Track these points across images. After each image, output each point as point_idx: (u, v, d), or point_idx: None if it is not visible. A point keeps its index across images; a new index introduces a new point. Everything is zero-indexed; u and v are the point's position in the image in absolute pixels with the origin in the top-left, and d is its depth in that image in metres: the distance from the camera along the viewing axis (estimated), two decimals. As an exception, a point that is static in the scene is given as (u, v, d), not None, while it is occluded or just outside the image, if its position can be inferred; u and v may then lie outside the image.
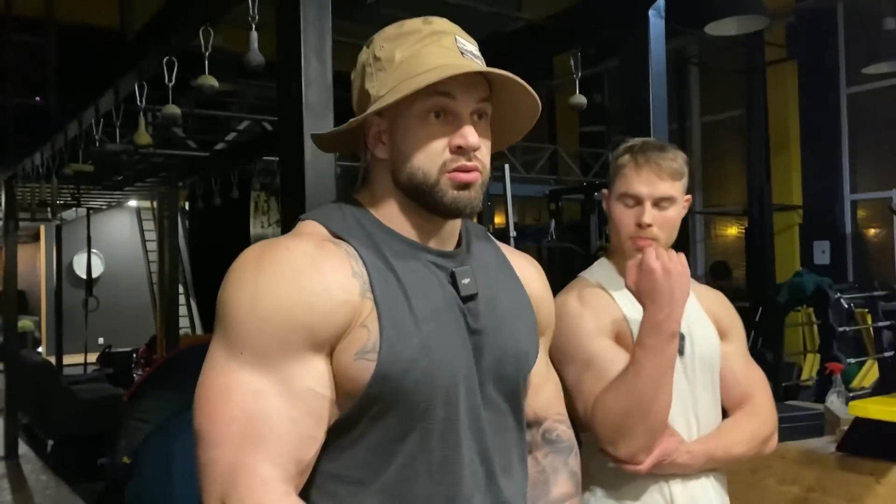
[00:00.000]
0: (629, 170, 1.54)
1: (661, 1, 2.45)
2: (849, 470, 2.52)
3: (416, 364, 0.95)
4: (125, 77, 3.30)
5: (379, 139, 1.05)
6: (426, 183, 1.01)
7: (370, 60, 1.04)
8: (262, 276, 0.94)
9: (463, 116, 1.01)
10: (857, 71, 6.47)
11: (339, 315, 0.94)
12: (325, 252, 0.97)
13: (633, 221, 1.53)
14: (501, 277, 1.14)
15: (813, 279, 5.00)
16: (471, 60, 1.02)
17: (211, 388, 0.93)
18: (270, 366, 0.91)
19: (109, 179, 6.48)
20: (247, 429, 0.90)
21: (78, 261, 11.39)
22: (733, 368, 1.64)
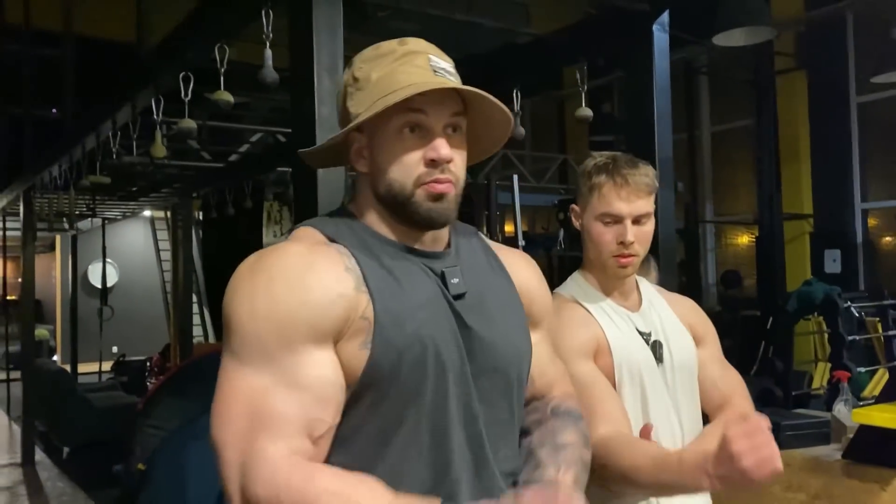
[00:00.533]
0: (608, 189, 1.56)
1: (665, 15, 2.50)
2: (854, 477, 2.54)
3: (410, 350, 1.00)
4: (142, 91, 3.38)
5: (360, 154, 1.11)
6: (402, 195, 1.06)
7: (350, 81, 1.11)
8: (259, 282, 0.99)
9: (436, 131, 1.06)
10: (866, 80, 6.48)
11: (336, 308, 0.99)
12: (317, 252, 1.03)
13: (616, 240, 1.56)
14: (490, 276, 1.18)
15: (822, 288, 5.01)
16: (443, 78, 1.06)
17: (221, 397, 0.98)
18: (275, 363, 0.96)
19: (125, 190, 6.58)
20: (253, 423, 0.94)
21: (93, 270, 11.52)
22: (711, 374, 1.68)
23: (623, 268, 1.58)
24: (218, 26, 2.51)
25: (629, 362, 1.59)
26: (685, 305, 1.74)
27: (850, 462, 2.59)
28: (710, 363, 1.70)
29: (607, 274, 1.62)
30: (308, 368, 0.97)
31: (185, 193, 7.21)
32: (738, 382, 1.71)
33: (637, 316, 1.66)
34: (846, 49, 7.07)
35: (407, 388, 1.00)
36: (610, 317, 1.62)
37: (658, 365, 1.60)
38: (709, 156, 8.46)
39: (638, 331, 1.64)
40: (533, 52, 3.36)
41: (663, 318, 1.66)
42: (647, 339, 1.63)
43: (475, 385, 1.07)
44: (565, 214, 6.95)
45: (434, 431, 1.02)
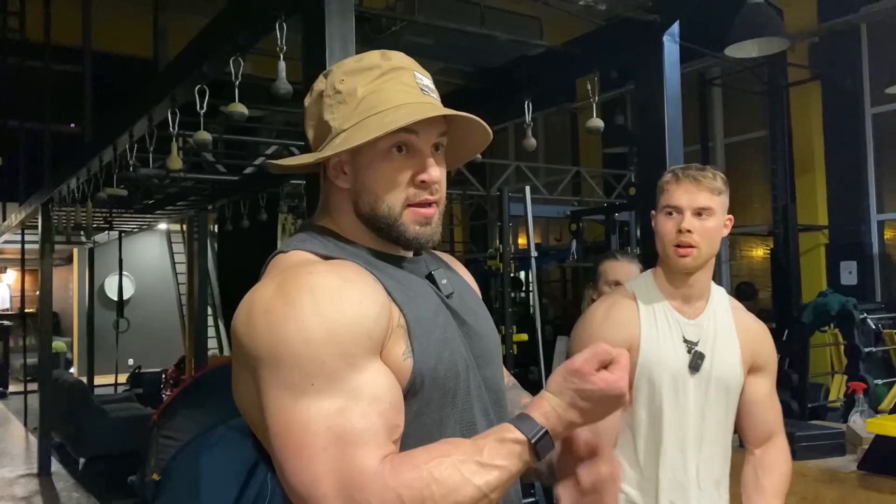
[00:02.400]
0: (671, 185, 1.69)
1: (676, 26, 2.51)
2: (870, 488, 2.52)
3: (442, 355, 1.02)
4: (159, 104, 3.43)
5: (340, 170, 1.07)
6: (390, 216, 1.04)
7: (329, 91, 1.06)
8: (301, 306, 0.92)
9: (425, 151, 1.05)
10: (881, 91, 6.45)
11: (383, 317, 0.97)
12: (342, 266, 1.00)
13: (675, 229, 1.66)
14: (455, 276, 1.21)
15: (837, 299, 4.96)
16: (429, 96, 1.07)
17: (291, 432, 0.90)
18: (344, 383, 0.91)
19: (141, 203, 6.65)
20: (340, 447, 0.89)
21: (109, 283, 11.62)
22: (765, 407, 1.79)
23: (682, 258, 1.66)
24: (232, 40, 2.55)
25: (656, 366, 1.68)
26: (754, 331, 1.80)
27: (865, 473, 2.57)
28: (767, 397, 1.80)
29: (670, 268, 1.71)
30: (376, 381, 0.94)
31: (200, 206, 7.28)
32: (777, 416, 1.83)
33: (691, 323, 1.74)
34: (860, 60, 7.05)
35: (446, 392, 1.02)
36: (655, 318, 1.72)
37: (692, 374, 1.69)
38: (723, 167, 8.43)
39: (685, 338, 1.71)
40: (545, 63, 3.38)
41: (718, 332, 1.73)
42: (690, 348, 1.70)
43: (484, 377, 1.11)
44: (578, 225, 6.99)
45: (464, 428, 1.04)
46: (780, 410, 1.84)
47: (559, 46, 3.17)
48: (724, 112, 8.46)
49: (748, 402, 1.79)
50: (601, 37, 2.93)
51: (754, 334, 1.79)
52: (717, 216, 1.68)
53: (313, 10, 1.90)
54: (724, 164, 8.43)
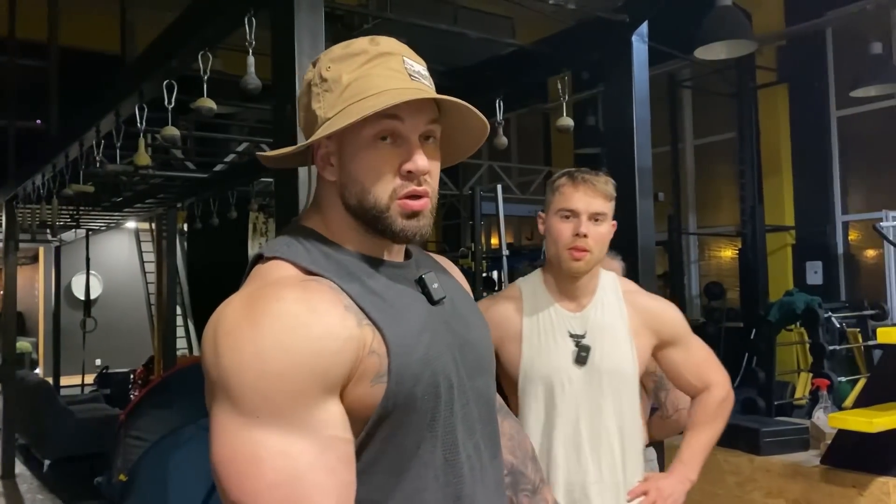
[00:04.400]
0: (567, 188, 1.71)
1: (644, 27, 2.54)
2: (832, 482, 2.57)
3: (422, 376, 0.96)
4: (126, 99, 3.38)
5: (328, 161, 1.03)
6: (376, 208, 1.00)
7: (317, 80, 1.02)
8: (262, 333, 0.88)
9: (412, 140, 1.00)
10: (846, 94, 6.58)
11: (346, 352, 0.91)
12: (313, 293, 0.94)
13: (571, 233, 1.69)
14: (449, 281, 1.17)
15: (803, 298, 5.05)
16: (419, 82, 1.01)
17: (236, 461, 0.86)
18: (291, 422, 0.87)
19: (109, 200, 6.55)
20: (289, 493, 0.85)
21: (76, 282, 11.43)
22: (683, 373, 1.84)
23: (576, 261, 1.69)
24: (201, 34, 2.53)
25: (539, 364, 1.72)
26: (652, 310, 1.83)
27: (828, 467, 2.62)
28: (679, 363, 1.84)
29: (562, 269, 1.73)
30: (327, 425, 0.89)
31: (169, 204, 7.19)
32: (706, 369, 1.85)
33: (576, 317, 1.76)
34: (826, 63, 7.18)
35: (423, 414, 0.97)
36: (538, 316, 1.76)
37: (579, 367, 1.71)
38: (692, 168, 8.54)
39: (570, 332, 1.74)
40: (516, 62, 3.39)
41: (606, 322, 1.76)
42: (576, 341, 1.73)
43: (472, 389, 1.07)
44: (550, 226, 7.03)
45: (445, 450, 1.00)
46: (708, 366, 1.85)
47: (530, 45, 3.19)
48: (693, 114, 8.57)
49: (668, 374, 1.87)
50: (571, 36, 2.95)
51: (652, 314, 1.81)
52: (608, 221, 1.73)
53: (282, 5, 1.89)
54: (693, 166, 8.53)
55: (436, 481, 0.99)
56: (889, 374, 2.62)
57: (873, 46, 6.04)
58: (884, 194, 6.91)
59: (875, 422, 2.32)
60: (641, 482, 1.73)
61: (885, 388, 2.55)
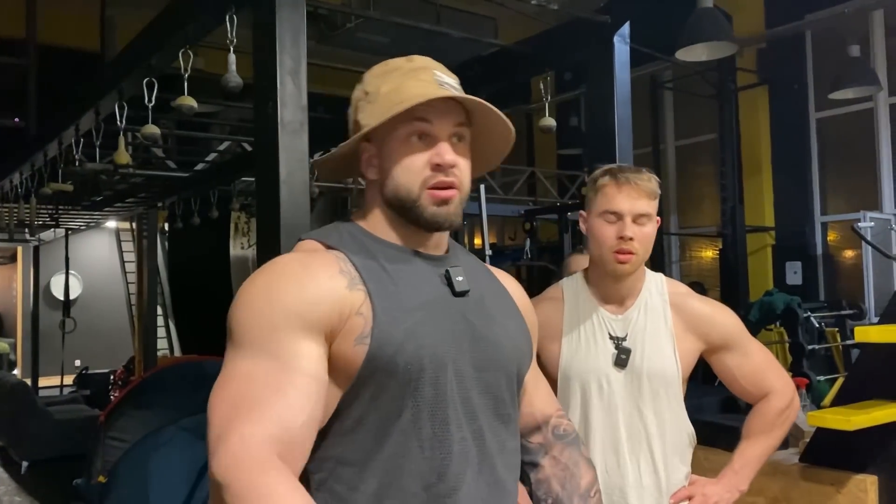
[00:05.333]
0: (611, 188, 1.67)
1: (626, 27, 2.55)
2: (811, 480, 2.60)
3: (404, 346, 1.05)
4: (106, 97, 3.35)
5: (370, 163, 1.18)
6: (409, 198, 1.13)
7: (361, 95, 1.19)
8: (259, 285, 1.07)
9: (440, 138, 1.13)
10: (824, 96, 6.65)
11: (325, 302, 1.04)
12: (313, 257, 1.11)
13: (616, 235, 1.66)
14: (487, 282, 1.26)
15: (783, 298, 5.09)
16: (448, 90, 1.13)
17: (218, 381, 1.04)
18: (264, 350, 1.01)
19: (89, 200, 6.48)
20: (235, 403, 0.98)
21: (55, 282, 11.31)
22: (743, 380, 1.77)
23: (622, 264, 1.66)
24: (182, 32, 2.51)
25: (578, 366, 1.67)
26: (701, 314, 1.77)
27: (807, 465, 2.64)
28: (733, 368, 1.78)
29: (607, 271, 1.70)
30: (296, 358, 1.01)
31: (150, 203, 7.13)
32: (764, 376, 1.78)
33: (618, 319, 1.73)
34: (805, 66, 7.25)
35: (403, 381, 1.05)
36: (580, 317, 1.72)
37: (619, 370, 1.67)
38: (674, 169, 8.59)
39: (611, 334, 1.70)
40: (499, 62, 3.40)
41: (649, 324, 1.71)
42: (617, 344, 1.68)
43: (478, 380, 1.13)
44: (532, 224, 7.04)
45: (434, 425, 1.07)
46: (767, 372, 1.79)
47: (512, 45, 3.20)
48: (674, 115, 8.62)
49: (724, 380, 1.81)
50: (553, 37, 2.95)
51: (700, 318, 1.76)
52: (653, 220, 1.69)
53: (263, 3, 1.88)
54: (674, 167, 8.59)
55: (420, 452, 1.06)
56: (866, 373, 2.65)
57: (851, 49, 6.11)
58: (861, 195, 6.99)
59: (853, 420, 2.34)
60: (687, 486, 1.69)
61: (863, 387, 2.58)
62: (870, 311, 5.68)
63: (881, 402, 2.48)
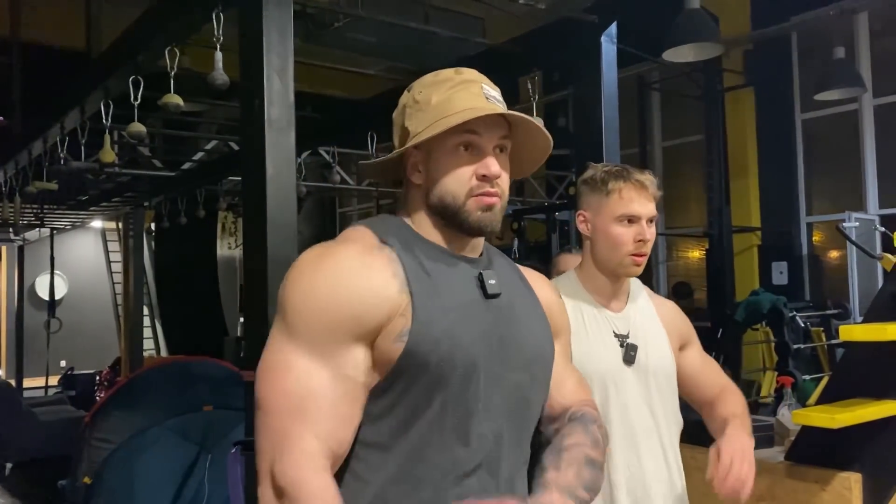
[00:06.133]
0: (627, 192, 1.68)
1: (614, 27, 2.56)
2: (796, 478, 2.61)
3: (439, 345, 1.11)
4: (91, 96, 3.33)
5: (416, 168, 1.23)
6: (455, 205, 1.19)
7: (411, 102, 1.24)
8: (319, 274, 1.12)
9: (487, 150, 1.19)
10: (810, 97, 6.70)
11: (380, 308, 1.11)
12: (372, 256, 1.15)
13: (634, 238, 1.69)
14: (518, 285, 1.31)
15: (769, 298, 5.12)
16: (493, 104, 1.20)
17: (271, 363, 1.10)
18: (320, 350, 1.09)
19: (74, 199, 6.44)
20: (298, 403, 1.07)
21: (40, 282, 11.22)
22: (705, 373, 1.85)
23: (637, 266, 1.71)
24: (168, 30, 2.50)
25: (588, 365, 1.65)
26: (673, 311, 1.86)
27: (792, 463, 2.66)
28: (701, 363, 1.85)
29: (618, 273, 1.73)
30: (346, 364, 1.10)
31: (136, 203, 7.09)
32: (719, 372, 1.88)
33: (618, 317, 1.75)
34: (791, 67, 7.30)
35: (434, 377, 1.11)
36: (583, 316, 1.73)
37: (628, 367, 1.69)
38: (661, 170, 8.62)
39: (614, 333, 1.72)
40: (487, 62, 3.40)
41: (645, 321, 1.76)
42: (622, 342, 1.71)
43: (504, 380, 1.19)
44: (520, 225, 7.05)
45: (456, 419, 1.13)
46: (716, 368, 1.88)
47: (500, 45, 3.20)
48: (661, 116, 8.65)
49: (689, 375, 1.83)
50: (541, 36, 2.96)
51: (674, 315, 1.84)
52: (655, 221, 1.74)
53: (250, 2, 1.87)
54: (661, 167, 8.62)
55: (441, 443, 1.13)
56: (851, 372, 2.67)
57: (837, 51, 6.15)
58: (846, 196, 7.05)
59: (837, 418, 2.35)
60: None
61: (847, 386, 2.59)
62: (854, 310, 5.72)
63: (865, 401, 2.49)
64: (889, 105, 6.81)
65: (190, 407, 4.27)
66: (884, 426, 2.44)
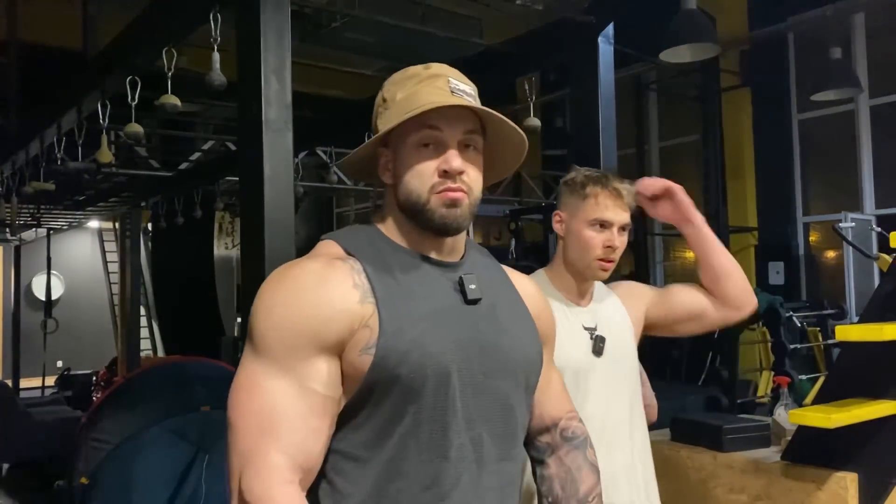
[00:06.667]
0: (604, 198, 1.74)
1: (611, 28, 2.56)
2: (792, 478, 2.61)
3: (408, 356, 1.08)
4: (88, 96, 3.32)
5: (386, 167, 1.21)
6: (419, 203, 1.15)
7: (380, 102, 1.21)
8: (279, 292, 1.11)
9: (449, 145, 1.15)
10: (806, 98, 6.71)
11: (338, 321, 1.09)
12: (331, 269, 1.13)
13: (603, 244, 1.74)
14: (502, 288, 1.27)
15: (765, 298, 5.13)
16: (460, 97, 1.15)
17: (239, 384, 1.10)
18: (284, 367, 1.08)
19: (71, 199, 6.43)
20: (264, 420, 1.06)
21: (37, 282, 11.20)
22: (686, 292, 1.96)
23: (604, 271, 1.76)
24: (165, 30, 2.50)
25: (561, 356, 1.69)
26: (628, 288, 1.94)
27: (788, 463, 2.66)
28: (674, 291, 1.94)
29: (585, 276, 1.78)
30: (311, 378, 1.08)
31: (133, 203, 7.08)
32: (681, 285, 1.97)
33: (586, 311, 1.82)
34: (788, 67, 7.31)
35: (406, 389, 1.08)
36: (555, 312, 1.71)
37: (598, 358, 1.76)
38: (657, 171, 8.62)
39: (584, 326, 1.78)
40: (484, 63, 3.40)
41: (610, 315, 1.83)
42: (591, 334, 1.77)
43: (485, 387, 1.15)
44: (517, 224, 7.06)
45: (433, 430, 1.10)
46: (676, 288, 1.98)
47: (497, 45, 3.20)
48: (658, 116, 8.66)
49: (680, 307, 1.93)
50: (538, 37, 2.96)
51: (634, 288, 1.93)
52: (628, 229, 1.79)
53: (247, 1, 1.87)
54: (658, 168, 8.63)
55: (417, 455, 1.10)
56: (847, 372, 2.68)
57: (833, 51, 6.17)
58: (843, 196, 7.06)
59: (833, 418, 2.36)
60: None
61: (844, 385, 2.60)
62: (851, 310, 5.74)
63: (861, 400, 2.50)
64: (886, 105, 6.82)
65: (187, 407, 4.27)
66: (880, 426, 2.44)
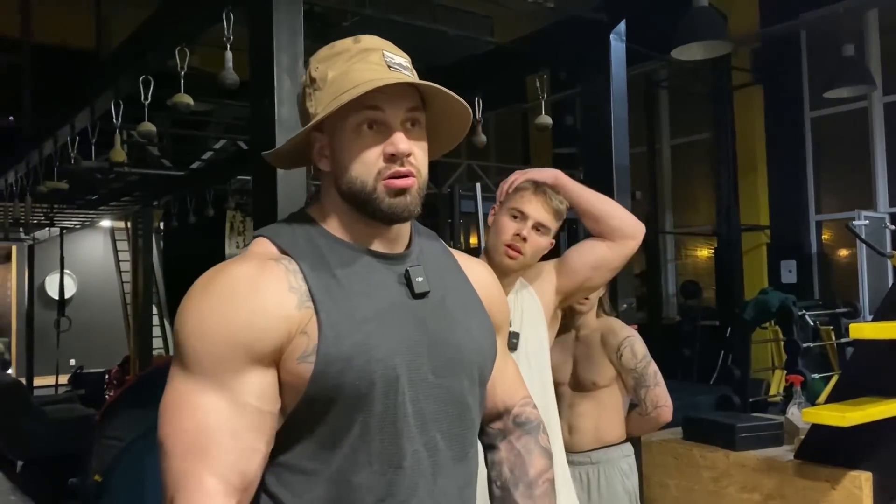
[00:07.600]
0: (526, 193, 1.84)
1: (622, 25, 2.56)
2: (806, 477, 2.60)
3: (352, 362, 1.00)
4: (101, 95, 3.34)
5: (322, 154, 1.11)
6: (364, 191, 1.06)
7: (308, 82, 1.10)
8: (206, 300, 1.01)
9: (393, 126, 1.06)
10: (819, 95, 6.66)
11: (274, 330, 1.00)
12: (264, 272, 1.02)
13: (514, 232, 1.81)
14: (452, 277, 1.19)
15: (778, 296, 5.11)
16: (398, 72, 1.06)
17: (168, 403, 1.00)
18: (215, 382, 0.98)
19: (84, 198, 6.48)
20: (194, 441, 0.96)
21: (50, 281, 11.29)
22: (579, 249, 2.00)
23: (510, 259, 1.82)
24: (178, 29, 2.51)
25: None
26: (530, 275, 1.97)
27: (801, 462, 2.65)
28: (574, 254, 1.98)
29: (494, 262, 1.83)
30: (245, 393, 0.99)
31: (145, 202, 7.12)
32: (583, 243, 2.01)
33: None
34: (800, 65, 7.26)
35: (352, 396, 1.01)
36: None
37: (511, 353, 1.78)
38: (669, 168, 8.60)
39: None
40: (495, 61, 3.40)
41: (525, 310, 1.88)
42: None
43: (437, 387, 1.08)
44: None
45: (384, 438, 1.03)
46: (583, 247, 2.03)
47: (508, 44, 3.20)
48: (670, 114, 8.63)
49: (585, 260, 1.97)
50: (549, 35, 2.96)
51: (540, 273, 1.95)
52: (549, 236, 1.85)
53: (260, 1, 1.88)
54: (670, 166, 8.60)
55: (369, 465, 1.02)
56: (861, 370, 2.66)
57: (846, 48, 6.13)
58: (856, 194, 7.01)
59: (847, 416, 2.35)
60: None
61: (858, 384, 2.59)
62: (864, 308, 5.70)
63: (875, 399, 2.49)
64: (899, 102, 6.78)
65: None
66: (895, 425, 2.43)
